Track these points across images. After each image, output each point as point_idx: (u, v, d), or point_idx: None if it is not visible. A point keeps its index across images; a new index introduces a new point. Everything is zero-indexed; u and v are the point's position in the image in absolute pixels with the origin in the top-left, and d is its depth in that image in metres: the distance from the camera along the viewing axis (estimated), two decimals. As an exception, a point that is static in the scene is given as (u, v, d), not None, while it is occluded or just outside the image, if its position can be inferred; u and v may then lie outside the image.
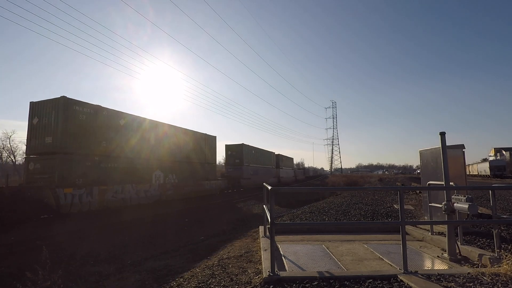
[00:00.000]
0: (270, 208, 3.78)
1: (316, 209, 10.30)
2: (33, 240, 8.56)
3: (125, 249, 8.12)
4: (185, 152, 20.29)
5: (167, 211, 14.68)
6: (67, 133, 11.93)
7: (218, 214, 13.90)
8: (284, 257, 4.68)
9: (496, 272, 3.26)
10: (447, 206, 4.41)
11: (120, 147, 14.66)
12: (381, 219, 8.33)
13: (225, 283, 3.60)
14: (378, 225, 7.06)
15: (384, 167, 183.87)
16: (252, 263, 4.40)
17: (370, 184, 32.67)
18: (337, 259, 4.55)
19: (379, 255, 4.73)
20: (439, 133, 4.74)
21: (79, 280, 5.24)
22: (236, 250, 5.39)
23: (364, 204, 11.08)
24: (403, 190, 4.09)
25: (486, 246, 4.77)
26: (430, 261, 4.44)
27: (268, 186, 4.38)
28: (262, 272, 3.75)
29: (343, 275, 3.47)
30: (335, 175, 77.15)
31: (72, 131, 12.15)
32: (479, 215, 4.18)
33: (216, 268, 4.30)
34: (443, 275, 3.32)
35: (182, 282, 3.84)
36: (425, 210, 6.08)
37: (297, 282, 3.30)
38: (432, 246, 5.24)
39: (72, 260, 6.83)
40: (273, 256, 3.57)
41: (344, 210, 9.82)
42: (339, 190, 19.80)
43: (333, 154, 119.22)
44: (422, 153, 6.70)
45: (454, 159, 5.72)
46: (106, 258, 7.13)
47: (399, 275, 3.40)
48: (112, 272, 5.91)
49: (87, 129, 12.87)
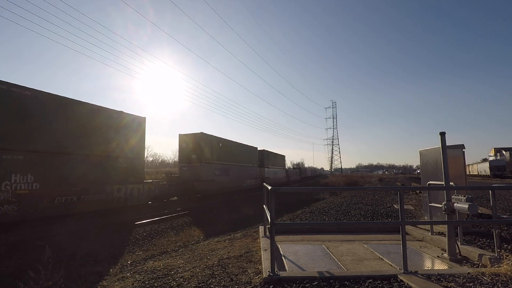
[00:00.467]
0: (270, 208, 3.78)
1: (316, 209, 10.30)
2: (33, 240, 8.55)
3: (125, 249, 8.13)
4: (60, 136, 11.05)
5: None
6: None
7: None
8: (284, 257, 4.68)
9: (496, 272, 3.26)
10: (447, 206, 4.41)
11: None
12: (381, 219, 8.33)
13: (225, 283, 3.60)
14: (378, 225, 7.06)
15: (384, 167, 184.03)
16: (252, 263, 4.40)
17: (370, 184, 32.69)
18: (337, 259, 4.55)
19: (379, 255, 4.73)
20: (439, 133, 4.75)
21: (79, 280, 5.24)
22: (236, 250, 5.40)
23: (364, 204, 11.08)
24: (403, 190, 4.09)
25: (486, 246, 4.77)
26: (430, 261, 4.44)
27: (268, 186, 4.39)
28: (262, 272, 3.76)
29: (343, 275, 3.47)
30: (335, 175, 77.18)
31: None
32: (479, 215, 4.18)
33: (216, 268, 4.30)
34: (443, 275, 3.32)
35: (182, 282, 3.84)
36: (425, 210, 6.08)
37: (297, 282, 3.30)
38: (432, 246, 5.24)
39: (72, 260, 6.83)
40: (273, 256, 3.57)
41: (344, 210, 9.82)
42: (339, 190, 19.80)
43: (333, 154, 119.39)
44: (422, 153, 6.70)
45: (454, 159, 5.73)
46: (106, 258, 7.14)
47: (399, 275, 3.40)
48: (112, 272, 5.92)
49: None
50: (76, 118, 11.80)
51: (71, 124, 11.53)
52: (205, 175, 21.12)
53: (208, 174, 21.53)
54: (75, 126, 11.72)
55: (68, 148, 11.37)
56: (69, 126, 11.45)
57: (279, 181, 41.76)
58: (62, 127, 11.22)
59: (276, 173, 41.49)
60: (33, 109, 10.26)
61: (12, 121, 9.59)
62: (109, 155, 13.27)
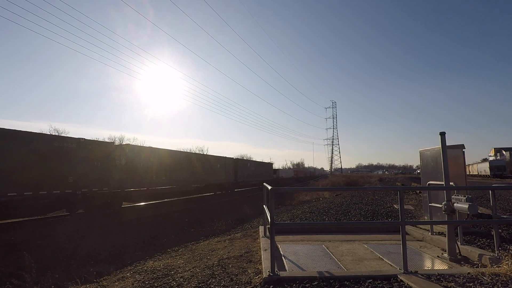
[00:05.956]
0: (270, 208, 3.78)
1: (316, 209, 10.30)
2: (33, 240, 8.56)
3: (125, 249, 8.13)
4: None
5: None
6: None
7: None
8: (284, 257, 4.68)
9: (496, 272, 3.26)
10: (447, 206, 4.41)
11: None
12: (381, 219, 8.33)
13: (225, 283, 3.60)
14: (378, 225, 7.06)
15: (384, 167, 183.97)
16: (252, 263, 4.40)
17: (370, 184, 32.66)
18: (337, 259, 4.55)
19: (379, 255, 4.73)
20: (439, 133, 4.74)
21: (79, 280, 5.24)
22: (236, 250, 5.40)
23: (364, 204, 11.08)
24: (403, 190, 4.09)
25: (486, 246, 4.77)
26: (430, 261, 4.44)
27: (268, 186, 4.39)
28: (262, 272, 3.75)
29: (343, 275, 3.47)
30: (335, 175, 77.02)
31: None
32: (479, 215, 4.18)
33: (216, 268, 4.30)
34: (443, 275, 3.32)
35: (182, 282, 3.84)
36: (425, 210, 6.08)
37: (297, 282, 3.30)
38: (432, 246, 5.24)
39: (72, 260, 6.84)
40: (273, 256, 3.57)
41: (344, 210, 9.82)
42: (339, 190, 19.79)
43: (333, 154, 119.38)
44: (422, 153, 6.70)
45: (454, 159, 5.73)
46: (106, 258, 7.14)
47: (399, 275, 3.40)
48: (112, 272, 5.91)
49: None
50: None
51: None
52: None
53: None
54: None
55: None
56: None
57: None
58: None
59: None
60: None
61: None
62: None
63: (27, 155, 10.38)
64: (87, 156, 12.67)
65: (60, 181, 11.39)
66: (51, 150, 11.26)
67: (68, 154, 11.84)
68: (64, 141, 12.11)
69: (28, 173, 10.33)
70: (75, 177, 11.98)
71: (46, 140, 11.47)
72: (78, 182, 12.09)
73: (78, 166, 12.22)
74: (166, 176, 18.60)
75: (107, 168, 13.79)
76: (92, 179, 12.79)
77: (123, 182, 14.66)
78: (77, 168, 12.14)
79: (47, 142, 11.38)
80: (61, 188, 11.40)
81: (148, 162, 16.81)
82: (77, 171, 12.13)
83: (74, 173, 11.97)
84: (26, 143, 10.46)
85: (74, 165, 12.07)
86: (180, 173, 20.15)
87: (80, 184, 12.18)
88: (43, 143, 11.16)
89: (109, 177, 13.79)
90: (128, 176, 14.98)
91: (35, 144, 10.78)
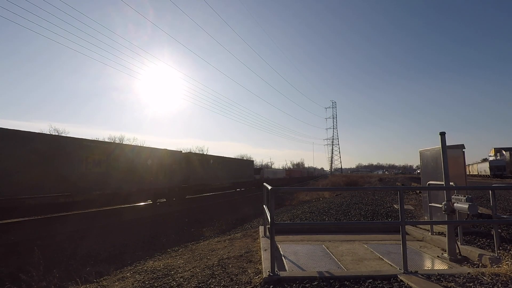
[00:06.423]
0: (270, 208, 3.78)
1: (316, 209, 10.29)
2: (33, 240, 8.56)
3: (125, 249, 8.13)
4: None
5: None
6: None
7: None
8: (284, 257, 4.68)
9: (496, 272, 3.26)
10: (447, 206, 4.41)
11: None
12: (381, 219, 8.32)
13: (225, 283, 3.60)
14: (378, 225, 7.06)
15: (384, 167, 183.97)
16: (252, 263, 4.40)
17: (370, 184, 32.64)
18: (337, 259, 4.55)
19: (379, 255, 4.73)
20: (439, 133, 4.74)
21: (79, 280, 5.23)
22: (236, 250, 5.40)
23: (364, 204, 11.07)
24: (403, 190, 4.09)
25: (486, 246, 4.77)
26: (430, 261, 4.44)
27: (268, 186, 4.38)
28: (262, 272, 3.75)
29: (343, 275, 3.47)
30: (335, 175, 77.00)
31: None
32: (479, 215, 4.18)
33: (216, 268, 4.30)
34: (443, 275, 3.32)
35: (182, 282, 3.84)
36: (425, 210, 6.08)
37: (297, 282, 3.30)
38: (432, 246, 5.24)
39: (72, 260, 6.84)
40: (273, 256, 3.57)
41: (344, 210, 9.82)
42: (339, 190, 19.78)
43: (333, 154, 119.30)
44: (422, 153, 6.70)
45: (454, 159, 5.73)
46: (106, 258, 7.14)
47: (399, 275, 3.40)
48: (112, 272, 5.91)
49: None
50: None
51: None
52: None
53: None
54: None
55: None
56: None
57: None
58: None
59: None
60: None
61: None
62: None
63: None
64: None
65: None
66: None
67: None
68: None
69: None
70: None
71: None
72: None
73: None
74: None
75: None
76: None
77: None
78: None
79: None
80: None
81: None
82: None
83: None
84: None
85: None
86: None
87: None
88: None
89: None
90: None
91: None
